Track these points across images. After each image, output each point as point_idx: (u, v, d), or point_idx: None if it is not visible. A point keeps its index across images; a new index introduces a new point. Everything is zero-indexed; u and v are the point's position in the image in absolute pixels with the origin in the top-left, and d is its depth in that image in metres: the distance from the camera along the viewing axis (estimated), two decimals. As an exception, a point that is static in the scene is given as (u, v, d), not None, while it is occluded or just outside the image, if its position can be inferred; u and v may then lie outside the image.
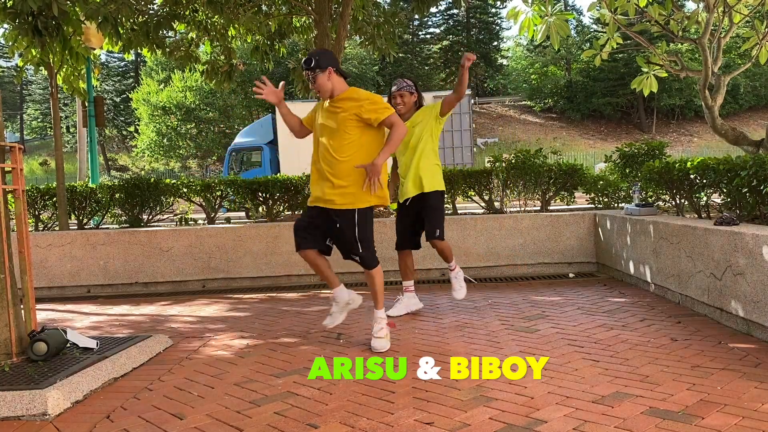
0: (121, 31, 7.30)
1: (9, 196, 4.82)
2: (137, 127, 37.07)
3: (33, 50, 7.45)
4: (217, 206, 8.04)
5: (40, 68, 7.97)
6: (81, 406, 3.01)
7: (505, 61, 49.51)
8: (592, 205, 7.70)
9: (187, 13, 8.30)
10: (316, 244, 3.87)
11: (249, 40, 9.31)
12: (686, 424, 2.48)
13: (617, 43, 7.10)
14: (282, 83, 4.04)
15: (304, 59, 3.83)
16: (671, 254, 4.65)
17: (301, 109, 23.41)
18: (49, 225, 8.15)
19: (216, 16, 8.25)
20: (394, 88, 4.68)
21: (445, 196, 7.32)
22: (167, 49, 8.52)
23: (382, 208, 8.11)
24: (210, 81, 9.34)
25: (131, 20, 7.59)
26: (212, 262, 6.49)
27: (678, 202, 5.46)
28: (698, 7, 6.99)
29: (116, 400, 3.09)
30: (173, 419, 2.80)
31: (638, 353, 3.48)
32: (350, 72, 36.89)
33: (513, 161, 7.40)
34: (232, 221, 8.14)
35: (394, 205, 7.38)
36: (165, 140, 34.10)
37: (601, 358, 3.42)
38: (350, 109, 3.74)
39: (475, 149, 24.87)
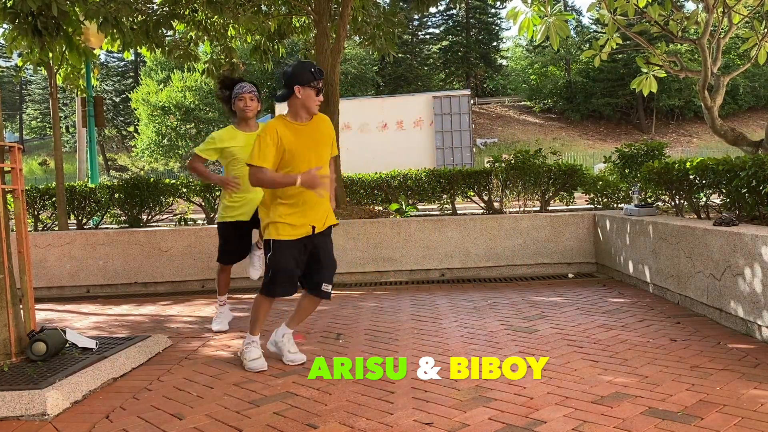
0: (124, 31, 7.30)
1: (8, 196, 4.81)
2: (137, 127, 37.06)
3: (32, 50, 7.44)
4: (216, 206, 8.04)
5: (40, 68, 7.97)
6: (80, 407, 3.01)
7: (504, 62, 49.51)
8: (592, 206, 7.70)
9: (186, 12, 8.30)
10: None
11: (249, 40, 9.31)
12: (685, 424, 2.48)
13: (617, 44, 7.10)
14: None
15: (319, 69, 3.45)
16: (670, 255, 4.65)
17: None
18: (49, 225, 8.15)
19: (215, 16, 8.25)
20: (244, 90, 4.25)
21: (403, 204, 7.31)
22: (166, 48, 8.52)
23: (381, 209, 8.11)
24: (212, 80, 9.36)
25: (131, 19, 7.59)
26: (212, 262, 6.48)
27: (677, 202, 5.46)
28: (698, 7, 6.99)
29: (115, 401, 3.08)
30: (172, 419, 2.80)
31: (637, 354, 3.48)
32: (350, 72, 36.88)
33: (512, 161, 7.40)
34: (231, 221, 8.14)
35: (395, 205, 7.39)
36: (164, 140, 34.08)
37: (600, 359, 3.42)
38: (329, 130, 3.55)
39: (474, 149, 24.88)
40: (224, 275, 4.56)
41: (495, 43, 48.46)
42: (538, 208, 7.73)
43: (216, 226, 4.54)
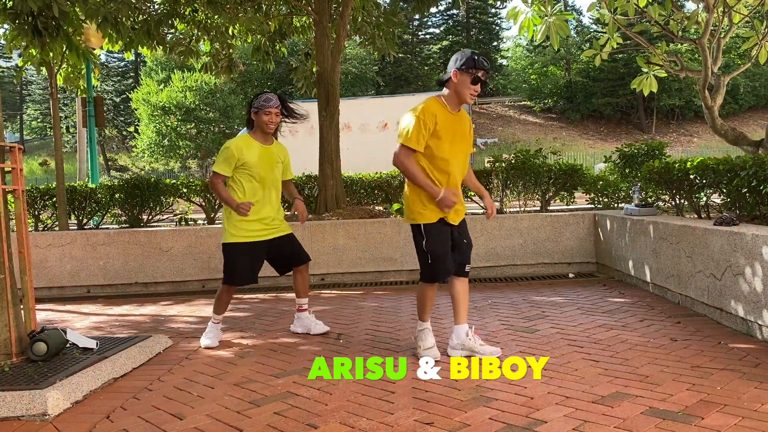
0: (122, 31, 7.30)
1: (9, 196, 4.81)
2: (137, 127, 37.05)
3: (33, 50, 7.45)
4: (217, 206, 8.04)
5: (41, 68, 7.98)
6: (81, 407, 3.01)
7: (504, 61, 49.50)
8: (592, 206, 7.70)
9: (187, 12, 8.30)
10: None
11: (249, 40, 9.32)
12: (686, 424, 2.48)
13: (617, 44, 7.09)
14: None
15: (484, 60, 3.38)
16: (671, 254, 4.65)
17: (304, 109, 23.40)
18: (49, 225, 8.15)
19: (216, 16, 8.26)
20: (271, 104, 4.01)
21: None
22: (168, 46, 8.52)
23: (382, 209, 8.12)
24: (210, 73, 9.39)
25: (131, 19, 7.60)
26: (212, 262, 6.48)
27: (678, 202, 5.46)
28: (698, 7, 6.99)
29: (116, 401, 3.09)
30: (173, 419, 2.80)
31: (638, 353, 3.48)
32: (350, 72, 36.88)
33: (513, 161, 7.40)
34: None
35: (397, 205, 7.39)
36: (165, 140, 34.06)
37: (600, 359, 3.42)
38: (469, 126, 3.58)
39: (474, 149, 24.88)
40: (228, 296, 4.14)
41: (495, 43, 48.45)
42: (538, 208, 7.73)
43: (222, 241, 4.11)
